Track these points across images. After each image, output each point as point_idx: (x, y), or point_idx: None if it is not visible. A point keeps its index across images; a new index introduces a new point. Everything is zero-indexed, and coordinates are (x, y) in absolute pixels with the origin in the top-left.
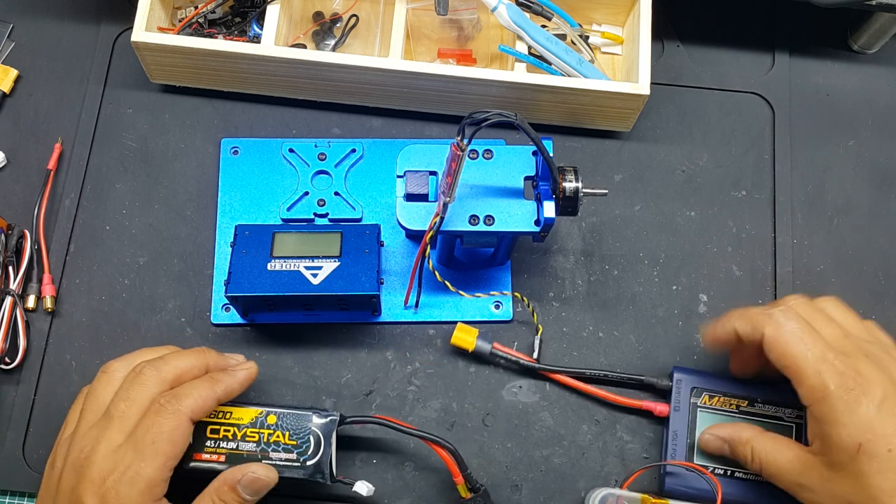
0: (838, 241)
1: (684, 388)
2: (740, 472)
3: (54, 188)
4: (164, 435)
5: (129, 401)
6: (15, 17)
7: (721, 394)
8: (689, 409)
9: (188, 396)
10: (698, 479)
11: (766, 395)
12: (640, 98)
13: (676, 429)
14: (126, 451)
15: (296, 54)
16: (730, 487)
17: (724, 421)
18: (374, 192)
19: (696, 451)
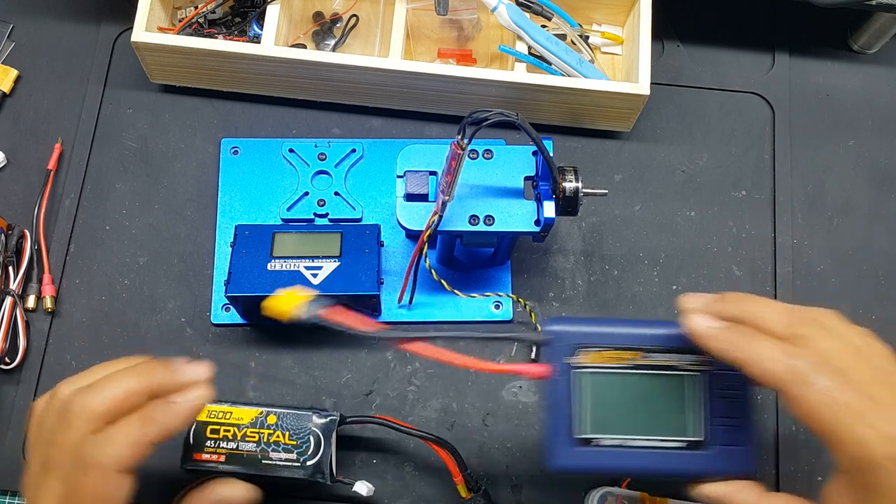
0: (838, 241)
1: (560, 345)
2: (637, 443)
3: (54, 188)
4: (95, 497)
5: (59, 447)
6: (15, 17)
7: (605, 346)
8: (569, 372)
9: (112, 444)
10: (590, 455)
11: (660, 342)
12: (640, 98)
13: (555, 398)
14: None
15: (296, 54)
16: (633, 460)
17: (613, 382)
18: (374, 192)
19: (582, 425)
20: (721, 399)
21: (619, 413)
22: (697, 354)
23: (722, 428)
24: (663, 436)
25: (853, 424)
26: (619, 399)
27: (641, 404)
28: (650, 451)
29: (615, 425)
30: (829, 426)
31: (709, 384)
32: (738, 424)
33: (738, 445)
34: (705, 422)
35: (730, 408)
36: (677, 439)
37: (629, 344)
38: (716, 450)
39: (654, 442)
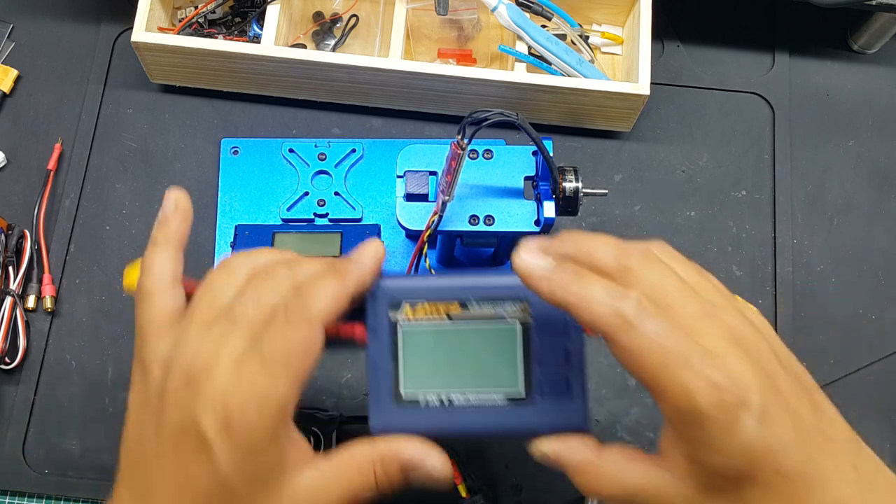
0: (838, 241)
1: (381, 303)
2: (460, 399)
3: (54, 188)
4: (297, 349)
5: (259, 305)
6: (15, 17)
7: (429, 299)
8: (389, 329)
9: (318, 299)
10: (414, 416)
11: (481, 292)
12: (640, 98)
13: (377, 358)
14: (253, 366)
15: (296, 54)
16: (456, 418)
17: (433, 336)
18: (374, 192)
19: (402, 384)
20: (549, 350)
21: (441, 369)
22: (519, 302)
23: (550, 381)
24: (484, 388)
25: (677, 371)
26: (442, 354)
27: (464, 358)
28: (474, 409)
29: (435, 381)
30: (654, 374)
31: (536, 334)
32: (567, 377)
33: (566, 399)
34: (531, 375)
35: (558, 359)
36: (500, 392)
37: (453, 296)
38: (542, 405)
39: (477, 396)
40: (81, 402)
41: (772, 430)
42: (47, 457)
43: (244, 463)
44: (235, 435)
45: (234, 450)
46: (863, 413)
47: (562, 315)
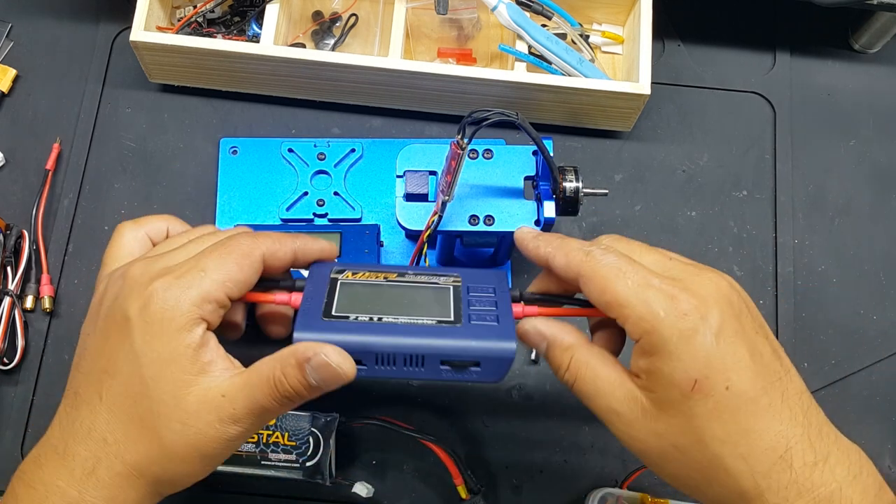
0: (839, 241)
1: (323, 267)
2: (390, 319)
3: (53, 188)
4: (233, 256)
5: (204, 243)
6: (13, 16)
7: (366, 269)
8: (328, 281)
9: (266, 237)
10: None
11: (418, 270)
12: (640, 98)
13: (311, 295)
14: (185, 262)
15: (295, 54)
16: (384, 332)
17: (369, 287)
18: (373, 192)
19: (333, 307)
20: (479, 299)
21: (373, 301)
22: (452, 277)
23: (479, 314)
24: (418, 316)
25: (636, 286)
26: (374, 295)
27: (396, 297)
28: (402, 326)
29: (370, 308)
30: (614, 293)
31: (467, 291)
32: (496, 315)
33: (495, 326)
34: (461, 309)
35: (488, 304)
36: (431, 318)
37: (388, 270)
38: (472, 328)
39: (407, 319)
40: None
41: (729, 348)
42: None
43: (154, 342)
44: (151, 315)
45: (147, 325)
46: (863, 413)
47: (489, 285)
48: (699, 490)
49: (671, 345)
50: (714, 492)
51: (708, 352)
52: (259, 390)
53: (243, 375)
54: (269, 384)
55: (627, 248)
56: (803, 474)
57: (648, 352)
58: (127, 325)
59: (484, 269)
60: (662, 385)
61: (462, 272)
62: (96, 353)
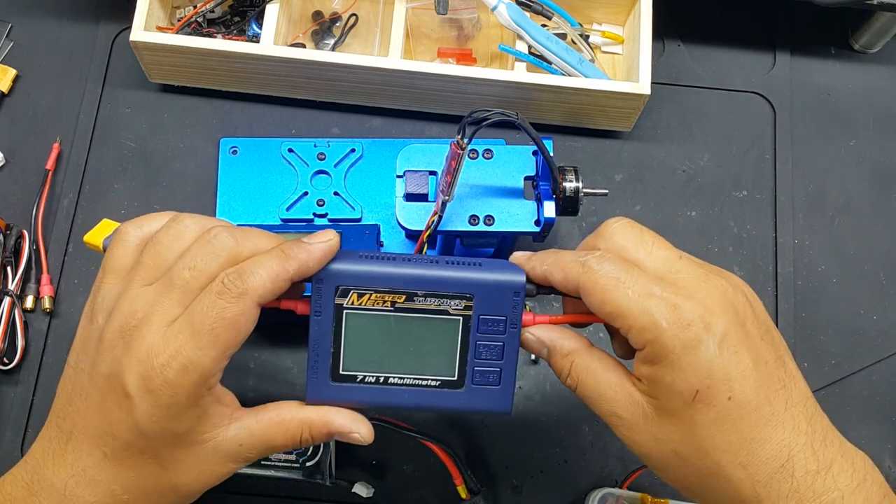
0: (839, 241)
1: (327, 288)
2: (396, 379)
3: (53, 188)
4: (227, 322)
5: (196, 270)
6: (13, 16)
7: (374, 289)
8: (334, 312)
9: (255, 275)
10: (350, 390)
11: (428, 286)
12: (640, 98)
13: (319, 337)
14: (182, 331)
15: (295, 54)
16: (389, 396)
17: (376, 323)
18: (373, 192)
19: (341, 363)
20: (483, 343)
21: (379, 352)
22: (464, 299)
23: (479, 370)
24: (420, 375)
25: (637, 296)
26: (382, 339)
27: (403, 345)
28: (407, 388)
29: (374, 363)
30: (615, 304)
31: (473, 327)
32: (496, 367)
33: (495, 388)
34: (463, 363)
35: (490, 352)
36: (433, 378)
37: (401, 288)
38: (471, 389)
39: (410, 380)
40: None
41: (732, 357)
42: None
43: (162, 421)
44: (155, 395)
45: (152, 408)
46: (863, 413)
47: (501, 314)
48: (700, 495)
49: (674, 355)
50: (715, 498)
51: (711, 362)
52: (277, 441)
53: (261, 425)
54: (291, 439)
55: (634, 242)
56: (805, 483)
57: (651, 360)
58: (128, 402)
59: (501, 277)
60: (664, 393)
61: (477, 281)
62: (94, 408)
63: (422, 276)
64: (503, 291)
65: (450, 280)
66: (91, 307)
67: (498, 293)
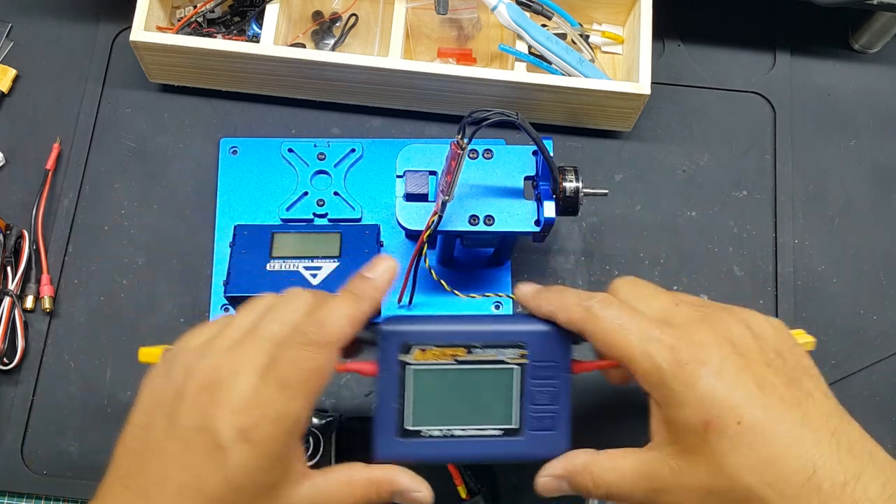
0: (839, 241)
1: (392, 345)
2: (459, 431)
3: (53, 188)
4: (313, 371)
5: (282, 323)
6: (13, 16)
7: (433, 344)
8: (399, 368)
9: (333, 323)
10: (416, 446)
11: (485, 338)
12: (640, 98)
13: (385, 393)
14: (271, 385)
15: (295, 54)
16: (454, 449)
17: (439, 377)
18: (373, 192)
19: (408, 419)
20: (538, 389)
21: (442, 405)
22: (518, 348)
23: (536, 416)
24: (482, 425)
25: (638, 340)
26: (444, 392)
27: (464, 396)
28: (470, 441)
29: (439, 417)
30: (621, 348)
31: (527, 375)
32: (552, 412)
33: (552, 433)
34: (521, 410)
35: (545, 397)
36: (495, 427)
37: (456, 341)
38: (532, 437)
39: (473, 431)
40: (80, 402)
41: (732, 385)
42: (46, 458)
43: (256, 473)
44: (252, 445)
45: (248, 459)
46: (864, 413)
47: (553, 359)
48: None
49: (679, 394)
50: None
51: (713, 393)
52: (346, 501)
53: (331, 485)
54: (359, 499)
55: (635, 294)
56: (833, 494)
57: (661, 403)
58: (221, 453)
59: (550, 326)
60: (680, 433)
61: (529, 330)
62: (176, 464)
63: (477, 329)
64: (553, 338)
65: (504, 331)
66: (166, 365)
67: (548, 340)
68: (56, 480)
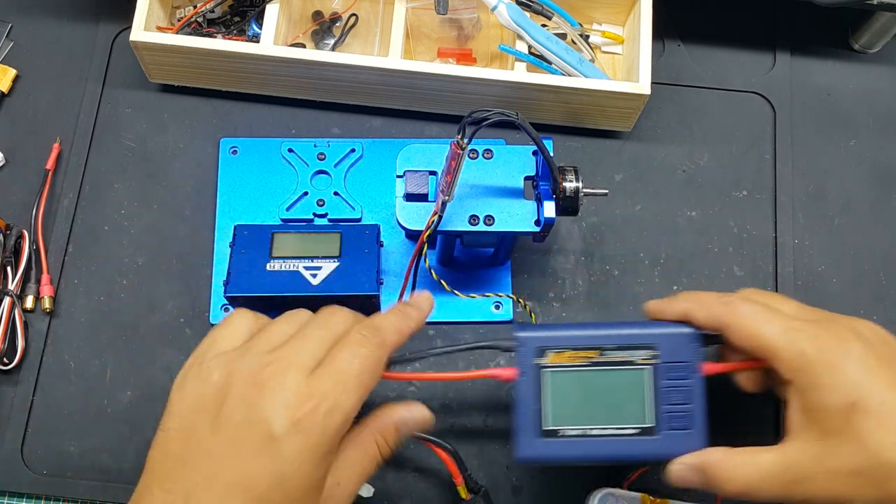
0: (839, 241)
1: (528, 350)
2: (596, 431)
3: (53, 188)
4: (368, 368)
5: (329, 330)
6: (13, 16)
7: (567, 347)
8: (536, 372)
9: (387, 330)
10: (555, 446)
11: (615, 340)
12: (640, 98)
13: (524, 396)
14: (324, 378)
15: (295, 54)
16: (592, 448)
17: (574, 378)
18: (373, 192)
19: (547, 419)
20: (671, 388)
21: (579, 406)
22: (649, 349)
23: (671, 414)
24: (618, 424)
25: (782, 330)
26: (580, 393)
27: (599, 397)
28: (607, 440)
29: (576, 417)
30: (762, 338)
31: (659, 375)
32: (686, 411)
33: (686, 429)
34: (656, 409)
35: (679, 396)
36: (631, 427)
37: (588, 344)
38: (666, 434)
39: (610, 430)
40: (80, 402)
41: (874, 369)
42: (46, 458)
43: (306, 466)
44: (305, 436)
45: (301, 449)
46: None
47: (684, 359)
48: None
49: (824, 377)
50: None
51: (856, 377)
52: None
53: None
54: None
55: (765, 298)
56: None
57: (805, 389)
58: (273, 445)
59: (678, 328)
60: (823, 417)
61: (658, 333)
62: (223, 462)
63: (608, 332)
64: (684, 339)
65: (634, 334)
66: (199, 369)
67: (679, 341)
68: (56, 480)
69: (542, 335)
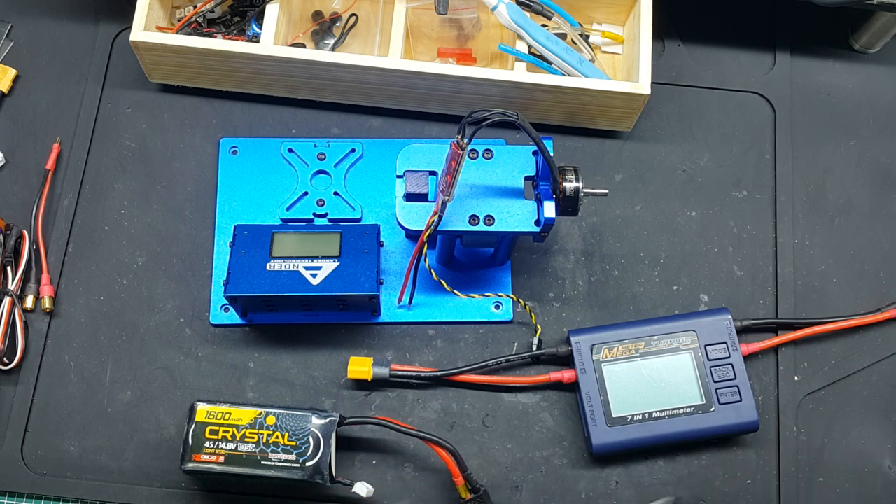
0: (839, 240)
1: (584, 349)
2: (658, 413)
3: (53, 188)
4: None
5: None
6: (13, 16)
7: (618, 342)
8: (594, 367)
9: None
10: (625, 430)
11: (657, 332)
12: (640, 98)
13: (588, 390)
14: None
15: (295, 54)
16: (656, 428)
17: (628, 368)
18: (373, 192)
19: (614, 407)
20: (715, 367)
21: (637, 392)
22: (689, 334)
23: (721, 391)
24: (676, 405)
25: None
26: (636, 381)
27: (653, 382)
28: (670, 420)
29: (637, 403)
30: None
31: (702, 356)
32: (734, 385)
33: (738, 403)
34: (705, 387)
35: (724, 373)
36: (687, 406)
37: (634, 335)
38: (719, 408)
39: (669, 411)
40: (80, 402)
41: None
42: (46, 458)
43: None
44: None
45: None
46: (863, 413)
47: (721, 341)
48: None
49: None
50: None
51: None
52: None
53: None
54: None
55: None
56: None
57: None
58: None
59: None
60: None
61: (695, 321)
62: None
63: (650, 326)
64: (717, 322)
65: (673, 324)
66: None
67: (713, 324)
68: (56, 480)
69: (593, 335)
